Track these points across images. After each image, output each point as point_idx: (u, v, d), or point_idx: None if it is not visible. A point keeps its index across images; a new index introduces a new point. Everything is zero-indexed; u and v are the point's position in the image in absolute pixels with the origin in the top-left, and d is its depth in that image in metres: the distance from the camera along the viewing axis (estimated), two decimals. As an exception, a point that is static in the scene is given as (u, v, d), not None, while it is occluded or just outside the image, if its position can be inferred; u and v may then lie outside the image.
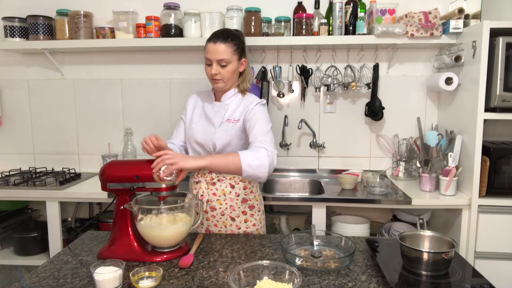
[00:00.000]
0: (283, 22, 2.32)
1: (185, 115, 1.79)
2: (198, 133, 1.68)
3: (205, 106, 1.74)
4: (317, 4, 2.36)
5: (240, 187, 1.68)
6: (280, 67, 2.45)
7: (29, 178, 2.38)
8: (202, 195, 1.67)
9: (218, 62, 1.59)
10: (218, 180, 1.66)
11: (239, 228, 1.69)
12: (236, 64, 1.64)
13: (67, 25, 2.38)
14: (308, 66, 2.43)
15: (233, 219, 1.68)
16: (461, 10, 2.06)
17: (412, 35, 2.18)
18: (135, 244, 1.34)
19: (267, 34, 2.35)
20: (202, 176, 1.68)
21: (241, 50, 1.65)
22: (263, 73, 2.43)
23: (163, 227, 1.32)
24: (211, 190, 1.67)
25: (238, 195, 1.68)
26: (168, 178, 1.32)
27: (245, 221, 1.70)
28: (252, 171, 1.43)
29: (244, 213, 1.70)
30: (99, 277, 1.09)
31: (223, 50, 1.58)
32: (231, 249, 1.42)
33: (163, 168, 1.30)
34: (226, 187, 1.66)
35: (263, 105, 1.68)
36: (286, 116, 2.50)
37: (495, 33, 1.89)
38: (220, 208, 1.67)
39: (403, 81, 2.47)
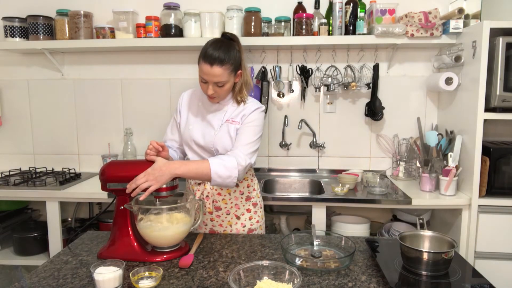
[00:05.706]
0: (283, 22, 2.32)
1: (179, 115, 1.70)
2: (197, 135, 1.62)
3: (202, 107, 1.67)
4: (317, 4, 2.36)
5: (244, 185, 1.69)
6: (280, 67, 2.45)
7: (29, 178, 2.38)
8: (207, 196, 1.66)
9: (215, 83, 1.51)
10: None
11: (244, 226, 1.70)
12: (233, 80, 1.56)
13: (67, 25, 2.38)
14: (308, 66, 2.43)
15: (238, 218, 1.69)
16: (461, 10, 2.06)
17: (412, 35, 2.18)
18: (135, 244, 1.34)
19: (267, 34, 2.35)
20: None
21: (237, 65, 1.54)
22: (263, 73, 2.43)
23: (163, 227, 1.32)
24: (216, 190, 1.66)
25: (242, 193, 1.69)
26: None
27: (250, 219, 1.71)
28: (222, 181, 1.44)
29: (248, 210, 1.71)
30: (99, 277, 1.09)
31: (220, 73, 1.47)
32: (231, 249, 1.42)
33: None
34: None
35: (262, 112, 1.63)
36: (286, 116, 2.50)
37: (495, 33, 1.89)
38: (225, 207, 1.67)
39: (403, 81, 2.47)
